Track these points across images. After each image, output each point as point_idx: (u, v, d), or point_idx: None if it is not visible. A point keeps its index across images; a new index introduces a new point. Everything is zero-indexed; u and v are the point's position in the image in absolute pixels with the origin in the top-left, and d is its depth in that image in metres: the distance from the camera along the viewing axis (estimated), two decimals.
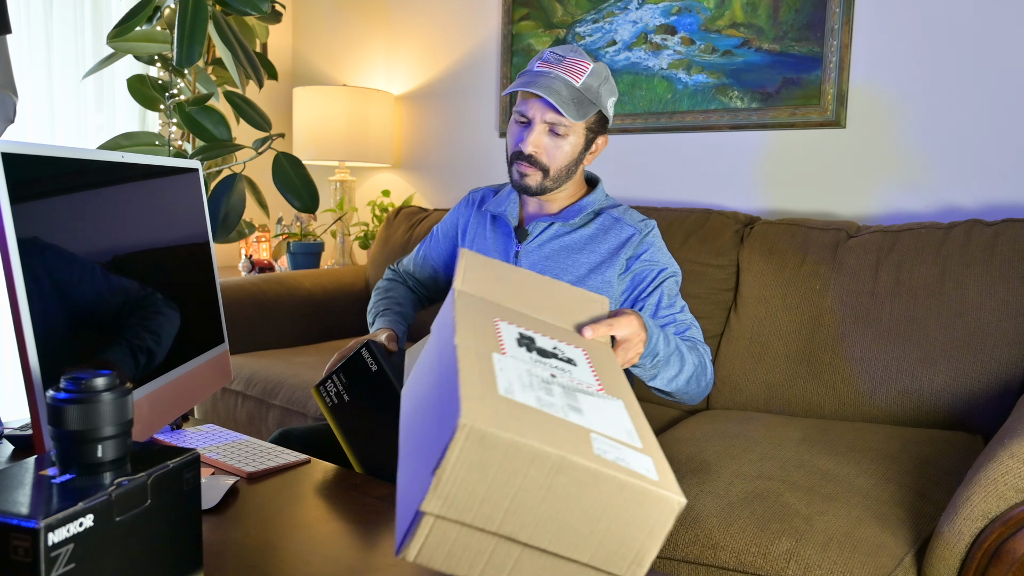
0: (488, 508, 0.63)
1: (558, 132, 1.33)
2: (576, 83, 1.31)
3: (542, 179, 1.35)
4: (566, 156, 1.35)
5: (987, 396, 1.63)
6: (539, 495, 0.63)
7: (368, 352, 1.18)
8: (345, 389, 1.18)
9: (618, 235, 1.37)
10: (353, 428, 1.18)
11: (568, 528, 0.64)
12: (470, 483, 0.62)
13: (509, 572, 0.66)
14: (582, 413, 0.71)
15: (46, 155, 0.83)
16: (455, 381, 0.65)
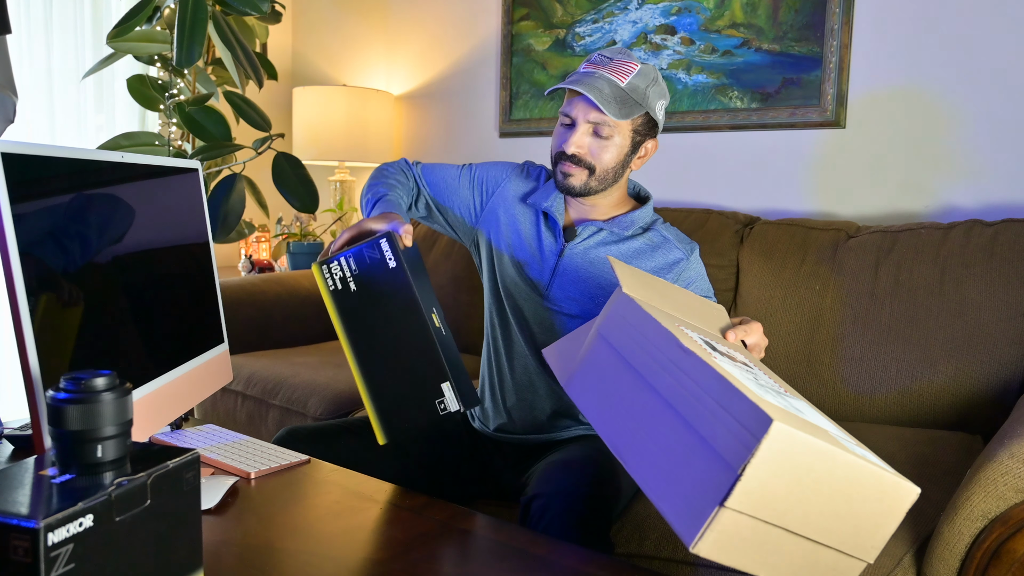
0: (778, 503, 0.71)
1: (602, 133, 1.30)
2: (621, 83, 1.29)
3: (587, 178, 1.33)
4: (612, 157, 1.32)
5: (987, 396, 1.63)
6: (819, 489, 0.71)
7: (389, 244, 1.04)
8: (353, 278, 1.05)
9: (665, 256, 1.36)
10: (355, 323, 1.05)
11: (833, 518, 0.73)
12: (770, 481, 0.69)
13: (778, 561, 0.74)
14: (803, 413, 0.80)
15: (46, 155, 0.83)
16: (732, 388, 0.74)
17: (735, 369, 0.85)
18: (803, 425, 0.72)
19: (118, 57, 2.46)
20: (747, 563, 0.74)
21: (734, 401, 0.74)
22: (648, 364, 0.88)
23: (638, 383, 0.89)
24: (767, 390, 0.82)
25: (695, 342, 0.89)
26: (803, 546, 0.75)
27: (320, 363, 2.18)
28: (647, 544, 1.29)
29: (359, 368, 1.04)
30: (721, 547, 0.72)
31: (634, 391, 0.90)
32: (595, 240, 1.38)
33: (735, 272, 1.98)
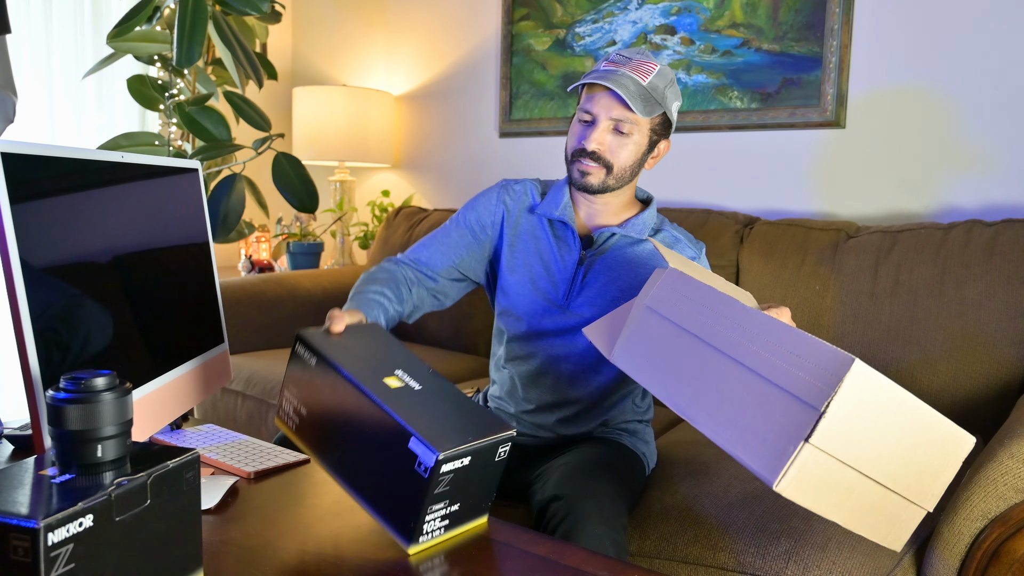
0: (855, 444, 0.75)
1: (622, 130, 1.31)
2: (643, 81, 1.30)
3: (605, 176, 1.33)
4: (630, 155, 1.33)
5: (987, 396, 1.63)
6: (891, 431, 0.76)
7: (302, 346, 0.97)
8: (300, 401, 0.97)
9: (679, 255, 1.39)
10: (323, 445, 0.94)
11: (901, 462, 0.78)
12: (850, 419, 0.73)
13: (851, 504, 0.78)
14: None
15: (46, 155, 0.83)
16: (805, 336, 0.79)
17: None
18: None
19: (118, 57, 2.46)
20: (823, 505, 0.77)
21: (810, 347, 0.78)
22: (709, 326, 0.92)
23: (696, 346, 0.92)
24: None
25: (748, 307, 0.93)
26: (873, 490, 0.79)
27: None
28: (647, 544, 1.29)
29: (347, 486, 0.92)
30: (801, 486, 0.75)
31: (692, 354, 0.93)
32: (611, 244, 1.38)
33: (735, 272, 1.98)
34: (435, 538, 0.87)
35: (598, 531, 1.11)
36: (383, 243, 2.70)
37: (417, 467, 0.82)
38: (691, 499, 1.32)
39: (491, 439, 0.87)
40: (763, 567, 1.19)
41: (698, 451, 1.52)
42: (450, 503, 0.86)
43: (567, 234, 1.39)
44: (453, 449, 0.82)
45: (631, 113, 1.29)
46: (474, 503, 0.90)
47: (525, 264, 1.41)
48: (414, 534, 0.84)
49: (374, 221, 3.03)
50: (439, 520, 0.86)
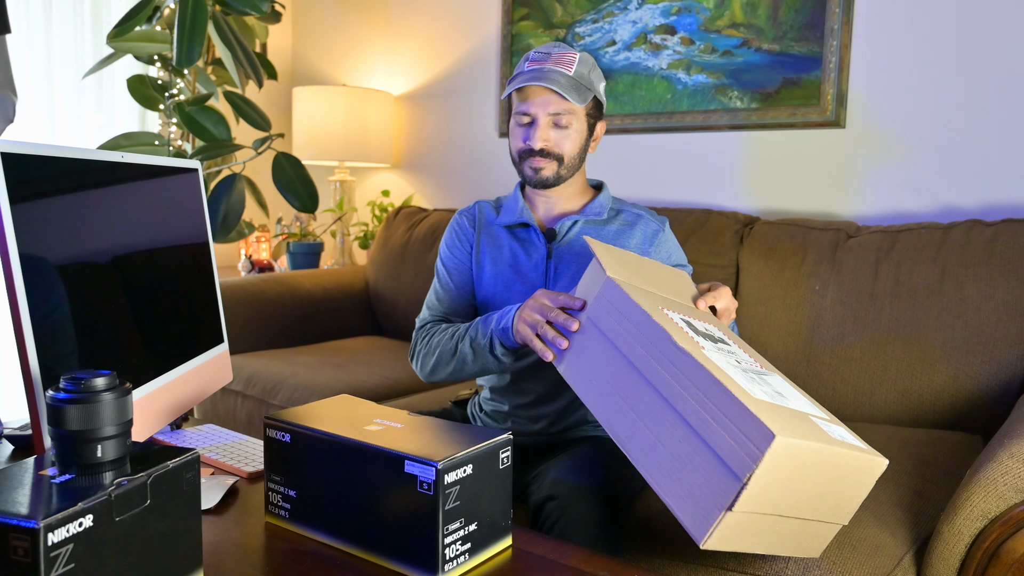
0: (775, 498, 0.82)
1: (562, 123, 1.36)
2: (570, 72, 1.35)
3: (557, 168, 1.38)
4: (574, 144, 1.38)
5: (987, 396, 1.63)
6: (808, 478, 0.83)
7: (272, 429, 0.94)
8: (286, 486, 0.93)
9: (644, 230, 1.42)
10: (325, 516, 0.90)
11: (818, 498, 0.86)
12: (771, 483, 0.80)
13: (772, 539, 0.87)
14: (785, 397, 0.91)
15: (46, 155, 0.83)
16: (732, 396, 0.83)
17: (722, 358, 0.93)
18: (795, 425, 0.83)
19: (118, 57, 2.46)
20: (746, 546, 0.86)
21: (736, 411, 0.82)
22: (643, 357, 0.96)
23: (633, 375, 0.97)
24: (751, 377, 0.91)
25: (682, 331, 0.97)
26: (793, 524, 0.88)
27: (320, 363, 2.18)
28: (647, 544, 1.29)
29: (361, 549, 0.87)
30: (725, 542, 0.84)
31: (630, 382, 0.97)
32: (575, 232, 1.42)
33: (735, 272, 1.98)
34: (461, 565, 0.83)
35: (593, 530, 1.11)
36: (383, 243, 2.70)
37: (420, 488, 0.81)
38: None
39: (489, 444, 0.86)
40: (763, 567, 1.19)
41: None
42: (466, 522, 0.83)
43: (530, 234, 1.43)
44: (450, 458, 0.81)
45: (568, 104, 1.34)
46: (492, 520, 0.88)
47: (496, 275, 1.44)
48: (438, 563, 0.81)
49: (374, 221, 3.03)
50: (460, 544, 0.83)
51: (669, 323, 0.97)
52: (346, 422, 0.92)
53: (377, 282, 2.67)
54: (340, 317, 2.63)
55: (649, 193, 2.43)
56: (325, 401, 1.02)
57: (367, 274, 2.75)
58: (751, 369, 0.96)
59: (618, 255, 1.14)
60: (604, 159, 2.50)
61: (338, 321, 2.62)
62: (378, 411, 0.98)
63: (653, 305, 1.01)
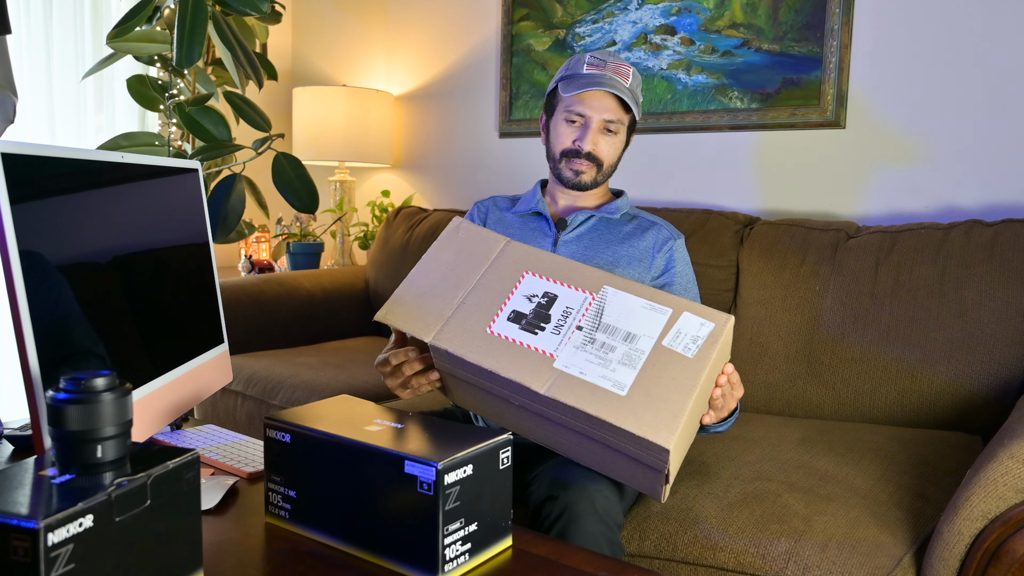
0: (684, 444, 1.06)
1: (612, 130, 1.40)
2: (627, 84, 1.39)
3: (596, 174, 1.42)
4: (615, 152, 1.43)
5: (987, 396, 1.63)
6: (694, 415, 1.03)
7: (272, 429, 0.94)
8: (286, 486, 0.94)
9: (656, 236, 1.44)
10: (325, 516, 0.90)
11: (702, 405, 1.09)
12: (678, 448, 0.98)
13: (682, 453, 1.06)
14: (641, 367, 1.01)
15: (46, 155, 0.83)
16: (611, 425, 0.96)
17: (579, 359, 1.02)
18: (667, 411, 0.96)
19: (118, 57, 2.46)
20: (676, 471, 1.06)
21: (621, 433, 0.96)
22: (513, 398, 1.06)
23: (520, 412, 1.07)
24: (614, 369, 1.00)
25: (522, 351, 1.04)
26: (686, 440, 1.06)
27: (320, 363, 2.18)
28: (647, 544, 1.29)
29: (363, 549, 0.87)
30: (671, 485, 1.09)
31: (522, 415, 1.08)
32: (587, 226, 1.45)
33: (735, 272, 1.98)
34: (461, 566, 0.83)
35: (593, 529, 1.11)
36: (383, 243, 2.70)
37: (420, 488, 0.81)
38: (691, 499, 1.32)
39: (488, 444, 0.86)
40: (763, 567, 1.19)
41: (698, 451, 1.52)
42: (466, 522, 0.83)
43: (541, 222, 1.47)
44: (451, 458, 0.81)
45: (624, 114, 1.39)
46: (492, 521, 0.88)
47: None
48: (438, 563, 0.81)
49: (374, 221, 3.03)
50: (460, 544, 0.83)
51: (504, 353, 1.02)
52: (346, 422, 0.92)
53: (377, 282, 2.67)
54: (340, 317, 2.63)
55: (649, 193, 2.43)
56: (325, 401, 1.02)
57: (367, 274, 2.75)
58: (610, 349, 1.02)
59: (418, 310, 1.14)
60: None
61: (338, 321, 2.62)
62: (378, 411, 0.98)
63: (481, 344, 1.04)
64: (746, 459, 1.47)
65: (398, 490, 0.82)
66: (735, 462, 1.45)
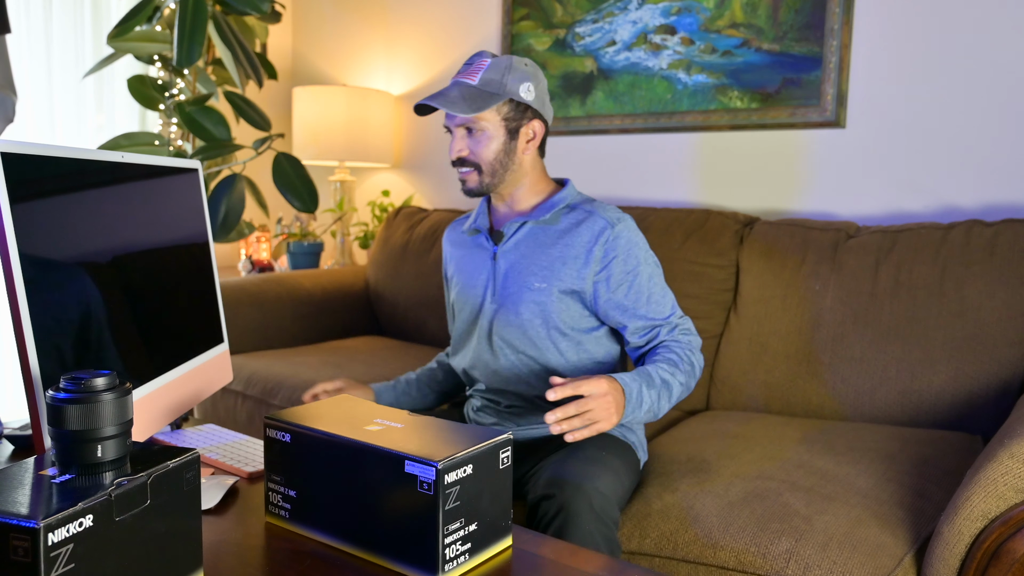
0: None
1: (472, 130, 1.38)
2: (473, 82, 1.36)
3: (479, 177, 1.40)
4: (490, 150, 1.39)
5: (987, 396, 1.63)
6: None
7: (272, 429, 0.94)
8: (286, 486, 0.93)
9: (591, 228, 1.37)
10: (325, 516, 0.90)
11: None
12: None
13: None
14: None
15: (46, 155, 0.83)
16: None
17: None
18: None
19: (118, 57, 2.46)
20: None
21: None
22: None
23: None
24: None
25: None
26: None
27: (320, 363, 2.18)
28: (647, 543, 1.29)
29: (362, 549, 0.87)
30: None
31: None
32: (522, 233, 1.43)
33: (735, 272, 1.98)
34: (461, 565, 0.83)
35: (590, 528, 1.11)
36: (383, 243, 2.69)
37: (420, 488, 0.81)
38: (692, 497, 1.32)
39: (488, 444, 0.86)
40: (764, 566, 1.19)
41: (699, 449, 1.52)
42: (466, 522, 0.83)
43: (481, 238, 1.49)
44: (451, 458, 0.81)
45: (482, 113, 1.35)
46: (492, 520, 0.87)
47: (456, 285, 1.52)
48: (438, 563, 0.81)
49: (374, 221, 3.03)
50: (460, 544, 0.83)
51: None
52: (346, 422, 0.92)
53: (377, 282, 2.67)
54: (340, 317, 2.63)
55: (649, 193, 2.43)
56: (325, 401, 1.02)
57: (367, 274, 2.76)
58: None
59: None
60: (604, 160, 2.50)
61: (338, 321, 2.62)
62: (378, 411, 0.98)
63: None
64: (747, 458, 1.47)
65: (398, 490, 0.82)
66: (736, 461, 1.45)
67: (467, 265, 1.50)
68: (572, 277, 1.37)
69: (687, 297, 1.98)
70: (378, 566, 0.85)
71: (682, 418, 1.89)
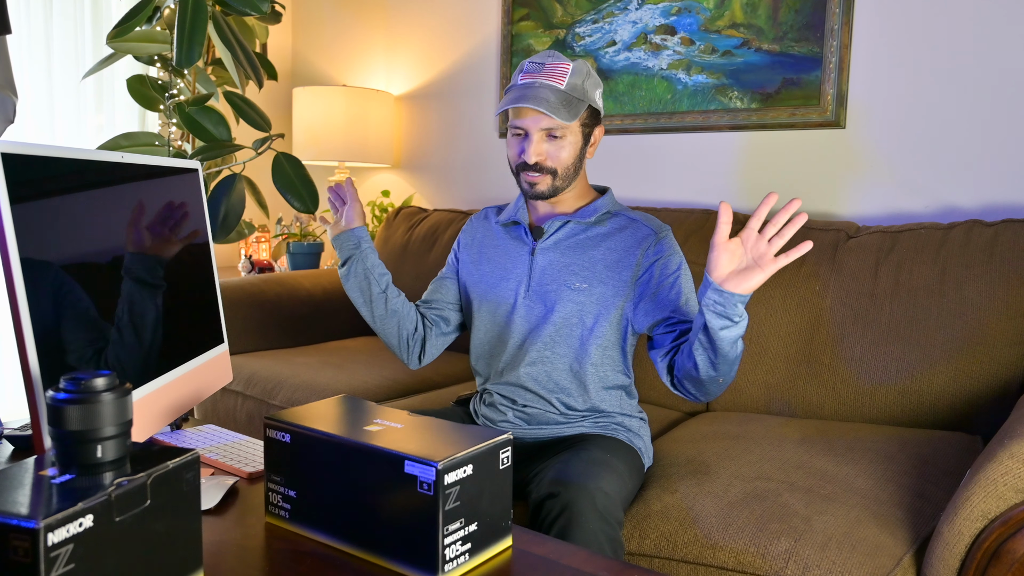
0: None
1: (556, 135, 1.37)
2: (561, 86, 1.35)
3: (552, 181, 1.40)
4: (569, 155, 1.40)
5: (987, 396, 1.62)
6: None
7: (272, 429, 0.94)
8: (286, 486, 0.93)
9: (635, 234, 1.42)
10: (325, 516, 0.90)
11: None
12: None
13: None
14: None
15: (46, 155, 0.83)
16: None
17: None
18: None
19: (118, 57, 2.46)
20: None
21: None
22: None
23: None
24: None
25: None
26: None
27: (320, 363, 2.18)
28: (647, 544, 1.29)
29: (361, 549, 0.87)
30: None
31: None
32: (563, 232, 1.44)
33: None
34: (461, 566, 0.83)
35: (593, 527, 1.11)
36: (383, 243, 2.69)
37: (420, 488, 0.80)
38: (691, 498, 1.32)
39: (488, 444, 0.86)
40: (763, 567, 1.19)
41: (698, 450, 1.52)
42: (466, 522, 0.83)
43: (519, 232, 1.49)
44: (450, 458, 0.81)
45: (565, 119, 1.34)
46: (492, 521, 0.87)
47: (477, 272, 1.51)
48: (438, 563, 0.81)
49: (374, 221, 3.02)
50: (460, 544, 0.83)
51: None
52: (346, 422, 0.92)
53: None
54: (340, 317, 2.63)
55: (649, 193, 2.43)
56: (325, 401, 1.02)
57: None
58: None
59: None
60: (604, 159, 2.50)
61: (338, 321, 2.62)
62: (378, 411, 0.98)
63: None
64: (746, 459, 1.47)
65: (398, 490, 0.82)
66: (735, 461, 1.45)
67: (499, 256, 1.50)
68: (613, 280, 1.39)
69: None
70: (378, 566, 0.85)
71: (682, 419, 1.89)
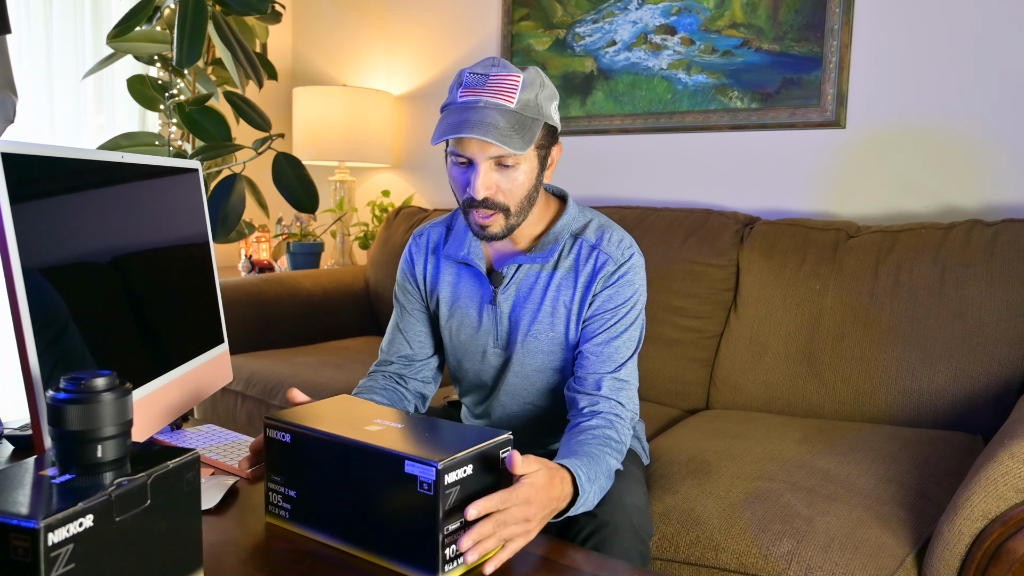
0: None
1: (507, 164, 1.12)
2: (511, 105, 1.10)
3: (505, 220, 1.16)
4: (524, 187, 1.15)
5: (987, 396, 1.62)
6: None
7: (272, 429, 0.94)
8: (286, 486, 0.93)
9: (594, 264, 1.21)
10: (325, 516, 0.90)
11: None
12: None
13: None
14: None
15: (46, 155, 0.83)
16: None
17: None
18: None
19: (118, 57, 2.46)
20: None
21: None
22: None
23: None
24: None
25: None
26: None
27: (320, 363, 2.18)
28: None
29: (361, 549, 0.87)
30: None
31: None
32: (521, 275, 1.24)
33: (735, 272, 1.98)
34: (461, 565, 0.83)
35: (626, 544, 1.08)
36: (383, 243, 2.69)
37: (420, 488, 0.80)
38: (692, 499, 1.32)
39: (488, 444, 0.86)
40: (765, 568, 1.19)
41: (699, 449, 1.52)
42: (466, 522, 0.83)
43: (474, 275, 1.27)
44: (450, 458, 0.81)
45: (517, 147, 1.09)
46: None
47: (454, 315, 1.31)
48: (438, 563, 0.81)
49: (374, 221, 3.02)
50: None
51: None
52: (346, 422, 0.92)
53: (377, 282, 2.67)
54: (340, 317, 2.63)
55: (650, 193, 2.43)
56: (325, 401, 1.02)
57: (367, 274, 2.75)
58: None
59: None
60: (605, 159, 2.50)
61: (338, 321, 2.62)
62: (378, 411, 0.97)
63: None
64: (747, 458, 1.47)
65: (398, 490, 0.82)
66: (736, 461, 1.45)
67: (465, 303, 1.29)
68: (576, 320, 1.22)
69: (687, 297, 1.98)
70: (378, 566, 0.85)
71: (682, 417, 1.89)
